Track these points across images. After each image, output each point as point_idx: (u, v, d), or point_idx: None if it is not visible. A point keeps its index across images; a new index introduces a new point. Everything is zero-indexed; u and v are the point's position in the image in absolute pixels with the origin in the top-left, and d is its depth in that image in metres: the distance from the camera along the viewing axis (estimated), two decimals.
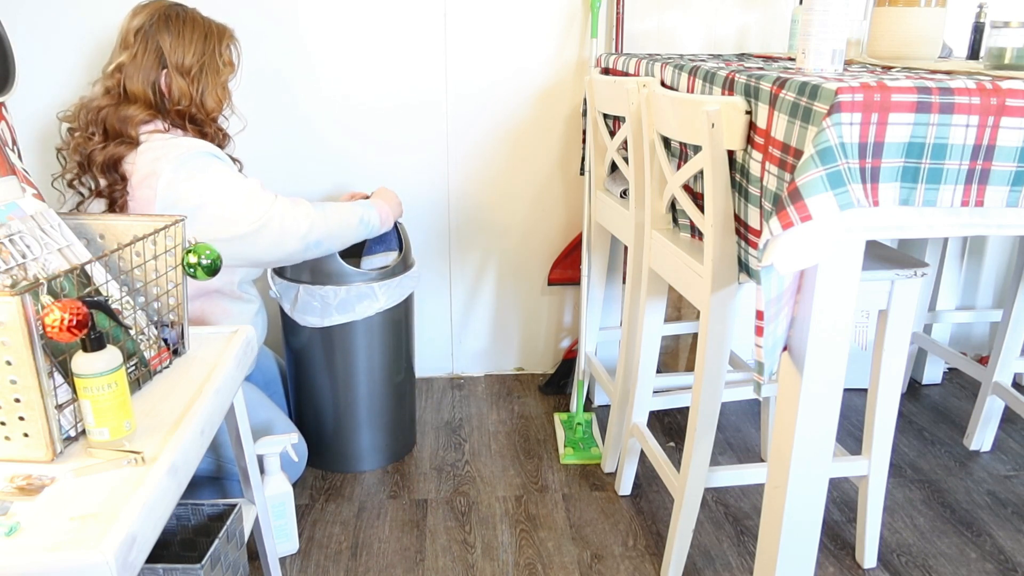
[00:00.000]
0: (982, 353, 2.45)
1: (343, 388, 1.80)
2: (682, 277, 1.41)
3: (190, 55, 1.52)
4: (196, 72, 1.53)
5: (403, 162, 2.16)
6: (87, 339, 0.93)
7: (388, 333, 1.80)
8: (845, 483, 1.82)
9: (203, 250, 1.17)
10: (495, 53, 2.09)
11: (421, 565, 1.57)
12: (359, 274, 1.71)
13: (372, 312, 1.72)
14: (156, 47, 1.50)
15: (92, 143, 1.49)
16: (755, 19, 2.13)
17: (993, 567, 1.56)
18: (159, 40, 1.50)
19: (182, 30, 1.52)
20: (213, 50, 1.56)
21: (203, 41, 1.54)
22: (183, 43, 1.51)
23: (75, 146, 1.52)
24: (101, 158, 1.47)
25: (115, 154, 1.48)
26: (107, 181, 1.48)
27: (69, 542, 0.80)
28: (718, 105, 1.18)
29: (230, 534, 1.21)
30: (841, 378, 1.17)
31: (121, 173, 1.48)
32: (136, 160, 1.48)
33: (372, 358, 1.79)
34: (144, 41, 1.50)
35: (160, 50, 1.50)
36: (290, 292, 1.72)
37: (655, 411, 2.13)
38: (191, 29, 1.53)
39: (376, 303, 1.72)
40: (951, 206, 1.07)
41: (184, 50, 1.51)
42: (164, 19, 1.51)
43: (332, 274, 1.70)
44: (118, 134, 1.49)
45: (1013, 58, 1.32)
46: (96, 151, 1.48)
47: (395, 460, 1.92)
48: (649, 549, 1.61)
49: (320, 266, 1.69)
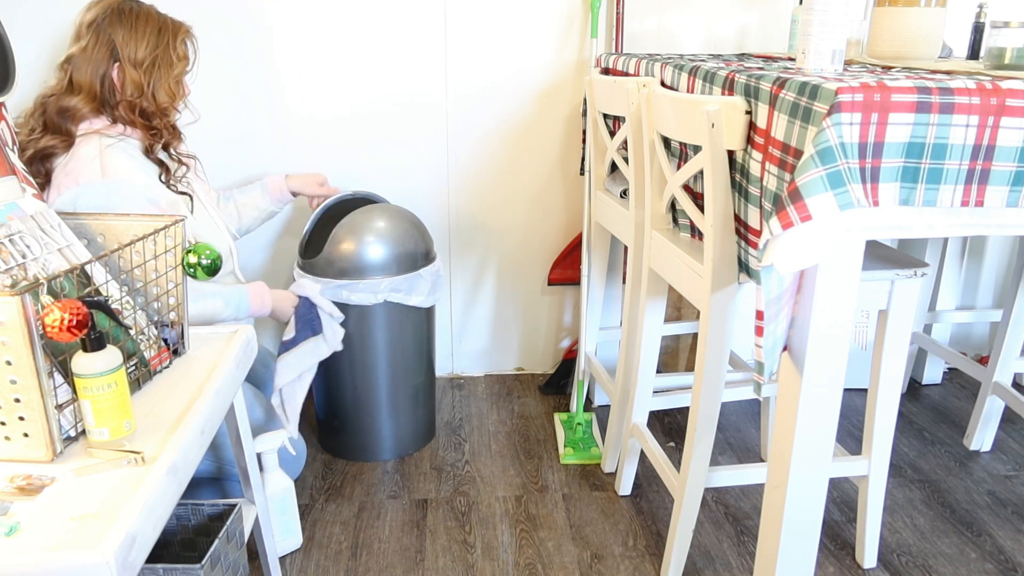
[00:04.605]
0: (982, 353, 2.45)
1: (363, 376, 1.85)
2: (682, 277, 1.41)
3: (143, 48, 1.50)
4: (148, 65, 1.51)
5: (403, 162, 2.16)
6: (87, 339, 0.93)
7: (410, 326, 1.87)
8: (845, 483, 1.82)
9: (203, 250, 1.17)
10: (495, 53, 2.09)
11: (421, 565, 1.57)
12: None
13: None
14: (108, 39, 1.48)
15: (31, 136, 1.46)
16: (755, 19, 2.13)
17: (993, 567, 1.56)
18: (111, 33, 1.48)
19: (135, 23, 1.50)
20: (167, 44, 1.53)
21: (157, 35, 1.52)
22: (136, 36, 1.50)
23: (20, 143, 1.48)
24: (32, 150, 1.44)
25: (46, 148, 1.44)
26: (31, 175, 1.42)
27: (69, 542, 0.80)
28: (718, 105, 1.18)
29: (230, 534, 1.21)
30: (841, 378, 1.17)
31: (47, 168, 1.45)
32: (60, 164, 1.44)
33: (394, 347, 1.84)
34: (96, 33, 1.48)
35: (112, 43, 1.48)
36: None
37: (655, 411, 2.13)
38: (144, 23, 1.51)
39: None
40: (951, 206, 1.07)
41: (137, 43, 1.49)
42: (117, 13, 1.50)
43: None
44: (56, 128, 1.46)
45: (1013, 58, 1.32)
46: (31, 143, 1.45)
47: (414, 451, 1.98)
48: (649, 549, 1.61)
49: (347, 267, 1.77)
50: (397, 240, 1.80)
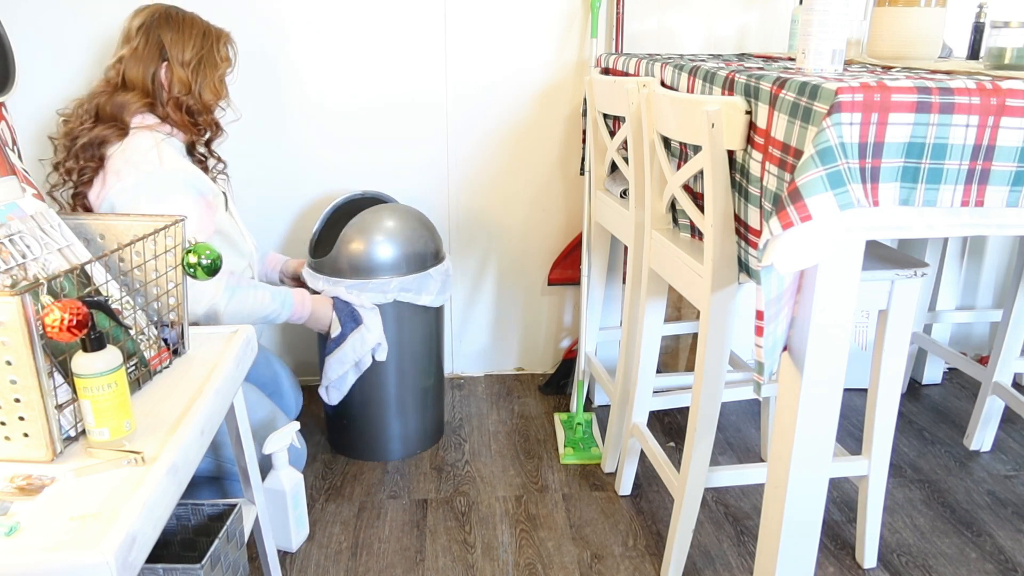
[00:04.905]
0: (982, 353, 2.45)
1: (371, 375, 1.86)
2: (682, 277, 1.41)
3: (190, 49, 1.60)
4: (195, 65, 1.61)
5: (403, 162, 2.16)
6: (87, 339, 0.93)
7: (420, 326, 1.88)
8: (845, 483, 1.82)
9: (203, 250, 1.17)
10: (495, 53, 2.09)
11: (421, 565, 1.57)
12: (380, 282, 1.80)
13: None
14: (157, 40, 1.58)
15: (83, 126, 1.55)
16: (755, 19, 2.13)
17: (993, 567, 1.56)
18: (160, 35, 1.59)
19: (182, 27, 1.61)
20: (212, 46, 1.64)
21: (202, 37, 1.63)
22: (183, 38, 1.60)
23: (65, 132, 1.59)
24: (86, 138, 1.53)
25: (101, 136, 1.54)
26: (82, 162, 1.53)
27: (69, 542, 0.80)
28: (718, 105, 1.18)
29: (230, 534, 1.21)
30: (841, 378, 1.17)
31: (100, 154, 1.54)
32: (115, 151, 1.53)
33: (403, 347, 1.85)
34: (145, 35, 1.59)
35: (161, 43, 1.59)
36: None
37: (655, 411, 2.13)
38: (190, 27, 1.62)
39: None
40: (951, 206, 1.07)
41: (184, 44, 1.60)
42: (165, 17, 1.61)
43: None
44: (111, 118, 1.55)
45: (1013, 58, 1.32)
46: (84, 132, 1.54)
47: (424, 449, 1.99)
48: (649, 549, 1.61)
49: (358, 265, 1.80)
50: (406, 240, 1.81)
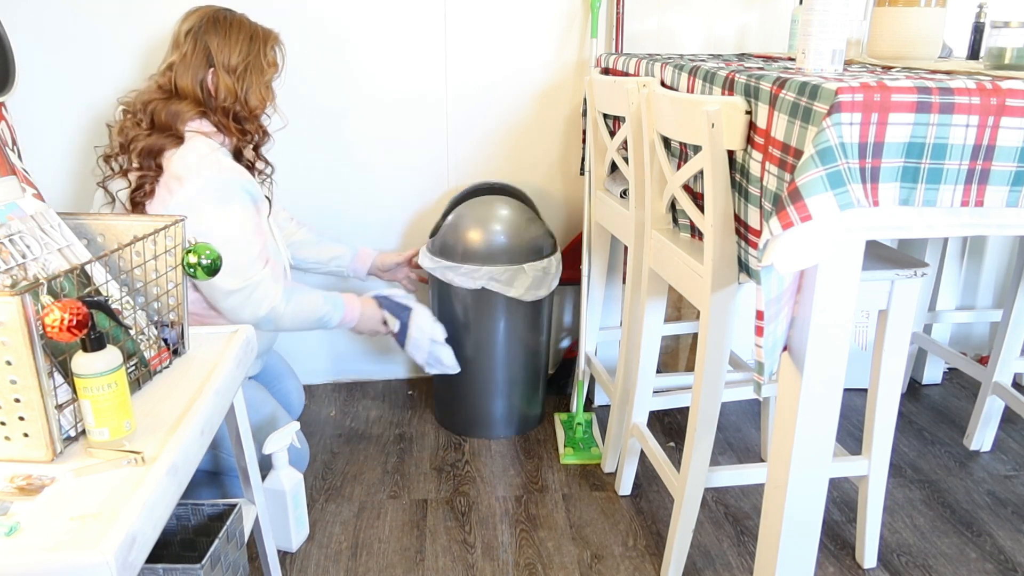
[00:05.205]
0: (982, 353, 2.45)
1: (474, 356, 1.97)
2: (682, 277, 1.41)
3: (236, 55, 1.60)
4: (241, 71, 1.61)
5: (403, 161, 2.16)
6: (87, 339, 0.93)
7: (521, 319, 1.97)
8: (845, 483, 1.82)
9: (203, 250, 1.17)
10: (495, 53, 2.09)
11: (421, 565, 1.57)
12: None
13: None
14: (204, 47, 1.58)
15: (139, 129, 1.57)
16: (755, 19, 2.13)
17: (993, 567, 1.56)
18: (207, 40, 1.58)
19: (229, 31, 1.60)
20: (258, 51, 1.63)
21: (248, 42, 1.62)
22: (229, 43, 1.59)
23: (121, 126, 1.60)
24: (143, 144, 1.55)
25: (158, 145, 1.55)
26: (142, 168, 1.55)
27: (69, 542, 0.80)
28: (718, 105, 1.18)
29: (230, 534, 1.21)
30: (841, 378, 1.17)
31: (158, 163, 1.55)
32: (174, 157, 1.54)
33: (499, 333, 1.95)
34: (193, 41, 1.59)
35: (208, 50, 1.58)
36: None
37: (655, 411, 2.13)
38: (237, 31, 1.61)
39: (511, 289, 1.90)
40: (951, 206, 1.07)
41: (231, 50, 1.59)
42: (212, 21, 1.60)
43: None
44: (166, 127, 1.56)
45: (1013, 58, 1.32)
46: (141, 137, 1.56)
47: (523, 432, 2.07)
48: (649, 549, 1.61)
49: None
50: (500, 232, 1.89)
